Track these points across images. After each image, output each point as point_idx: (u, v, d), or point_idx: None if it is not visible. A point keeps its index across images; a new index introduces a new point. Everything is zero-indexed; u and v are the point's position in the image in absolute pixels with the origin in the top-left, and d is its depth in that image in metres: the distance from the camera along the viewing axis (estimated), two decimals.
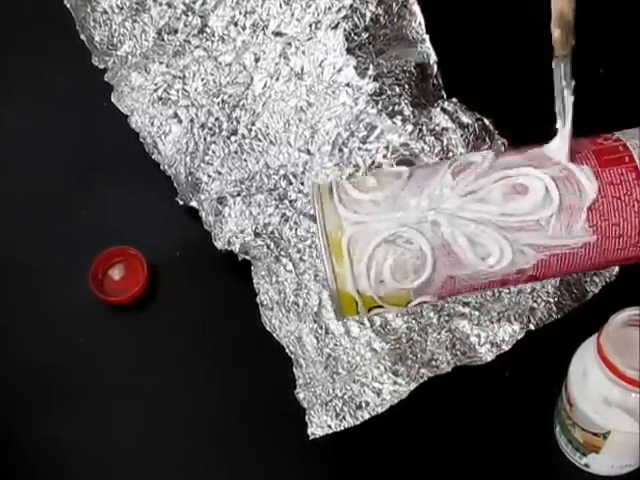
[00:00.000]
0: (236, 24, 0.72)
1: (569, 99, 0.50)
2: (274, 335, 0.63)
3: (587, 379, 0.54)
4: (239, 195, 0.67)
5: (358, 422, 0.58)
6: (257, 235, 0.66)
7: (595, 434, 0.55)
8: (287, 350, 0.62)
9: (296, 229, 0.65)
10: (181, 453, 0.61)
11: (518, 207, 0.48)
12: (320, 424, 0.58)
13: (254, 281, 0.65)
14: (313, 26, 0.69)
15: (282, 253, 0.65)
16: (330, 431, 0.58)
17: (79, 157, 0.74)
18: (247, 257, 0.66)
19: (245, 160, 0.69)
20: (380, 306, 0.51)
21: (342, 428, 0.58)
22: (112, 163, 0.74)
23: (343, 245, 0.48)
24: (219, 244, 0.67)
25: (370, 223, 0.48)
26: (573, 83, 0.50)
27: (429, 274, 0.49)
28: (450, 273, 0.49)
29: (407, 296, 0.50)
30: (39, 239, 0.71)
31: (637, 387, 0.51)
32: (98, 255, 0.68)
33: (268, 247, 0.65)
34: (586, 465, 0.58)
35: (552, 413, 0.59)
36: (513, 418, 0.60)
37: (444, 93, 0.68)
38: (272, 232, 0.66)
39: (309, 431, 0.58)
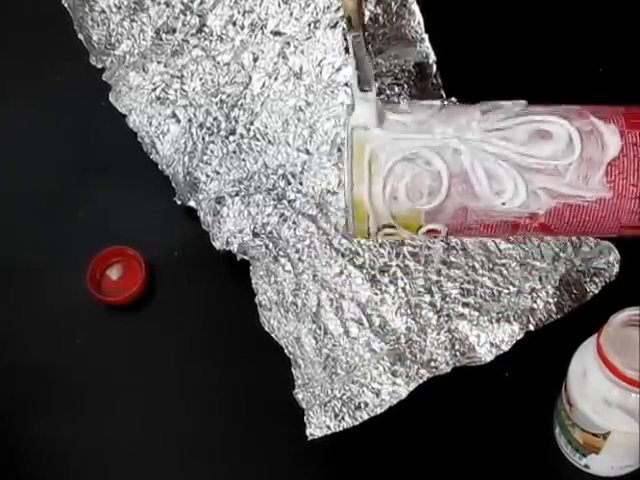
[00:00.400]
0: (234, 23, 0.72)
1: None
2: (273, 335, 0.63)
3: (587, 379, 0.54)
4: (237, 195, 0.67)
5: (357, 423, 0.57)
6: (255, 235, 0.66)
7: (595, 435, 0.55)
8: (286, 350, 0.62)
9: (294, 229, 0.65)
10: (180, 453, 0.61)
11: (540, 150, 0.49)
12: (319, 425, 0.58)
13: (252, 281, 0.65)
14: (312, 25, 0.69)
15: (280, 253, 0.65)
16: (329, 432, 0.57)
17: (77, 157, 0.74)
18: (245, 257, 0.66)
19: (243, 160, 0.69)
20: (392, 226, 0.51)
21: (341, 429, 0.57)
22: (110, 163, 0.73)
23: (365, 156, 0.49)
24: (217, 244, 0.67)
25: (395, 140, 0.49)
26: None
27: (442, 199, 0.49)
28: (463, 203, 0.49)
29: (418, 218, 0.50)
30: (36, 239, 0.70)
31: (637, 387, 0.51)
32: (96, 255, 0.68)
33: (266, 247, 0.65)
34: (586, 466, 0.58)
35: (552, 414, 0.59)
36: (513, 419, 0.60)
37: (443, 92, 0.68)
38: (270, 232, 0.66)
39: (308, 432, 0.58)
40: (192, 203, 0.69)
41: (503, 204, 0.49)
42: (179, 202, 0.69)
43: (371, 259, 0.63)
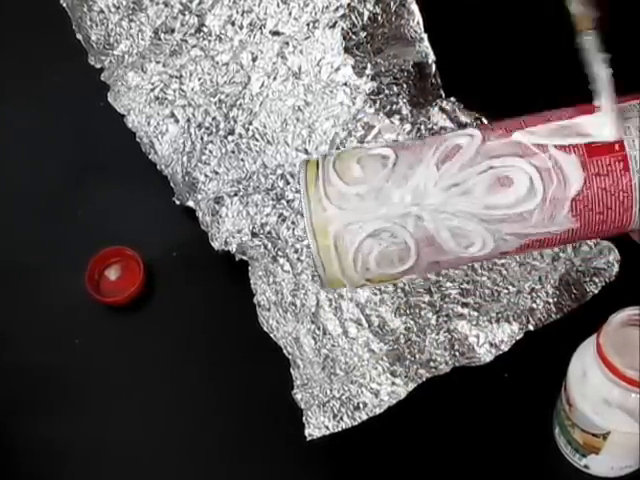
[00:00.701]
0: (233, 23, 0.72)
1: (603, 73, 0.49)
2: (271, 335, 0.62)
3: (586, 379, 0.53)
4: (236, 195, 0.67)
5: (356, 423, 0.57)
6: (254, 235, 0.65)
7: (595, 435, 0.54)
8: (284, 351, 0.62)
9: (293, 229, 0.65)
10: (178, 454, 0.61)
11: (502, 200, 0.48)
12: (317, 425, 0.58)
13: (251, 282, 0.64)
14: (311, 25, 0.68)
15: (279, 253, 0.65)
16: (328, 432, 0.57)
17: (75, 157, 0.74)
18: (244, 257, 0.66)
19: (242, 160, 0.68)
20: (369, 284, 0.52)
21: (340, 429, 0.57)
22: (108, 163, 0.73)
23: (330, 240, 0.49)
24: (216, 244, 0.66)
25: (355, 219, 0.49)
26: (605, 56, 0.49)
27: (413, 261, 0.50)
28: (434, 259, 0.50)
29: (393, 277, 0.51)
30: (35, 239, 0.70)
31: (637, 387, 0.51)
32: (94, 255, 0.67)
33: (265, 247, 0.65)
34: (586, 466, 0.58)
35: (551, 414, 0.59)
36: (512, 419, 0.60)
37: (443, 92, 0.68)
38: (269, 232, 0.65)
39: (306, 432, 0.58)
40: (191, 203, 0.69)
41: (473, 255, 0.50)
42: (178, 202, 0.69)
43: None
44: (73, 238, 0.70)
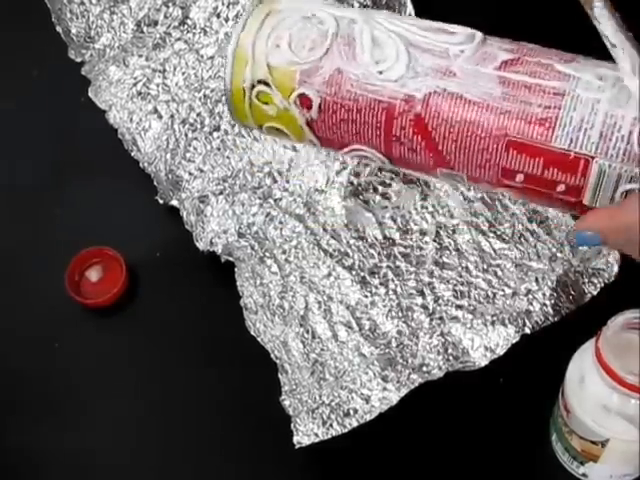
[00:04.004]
0: (218, 15, 0.71)
1: (621, 38, 0.44)
2: (258, 339, 0.62)
3: (585, 385, 0.52)
4: (222, 194, 0.66)
5: (346, 430, 0.56)
6: (241, 235, 0.64)
7: (593, 442, 0.53)
8: (272, 355, 0.61)
9: (281, 229, 0.64)
10: (163, 458, 0.60)
11: (436, 35, 0.47)
12: (307, 432, 0.56)
13: (238, 283, 0.63)
14: None
15: (267, 254, 0.64)
16: (317, 439, 0.56)
17: (55, 154, 0.72)
18: (230, 258, 0.64)
19: (228, 157, 0.67)
20: (267, 83, 0.49)
21: (329, 436, 0.56)
22: (89, 160, 0.72)
23: (264, 12, 0.49)
24: (201, 245, 0.65)
25: (302, 3, 0.49)
26: (618, 21, 0.45)
27: (321, 55, 0.48)
28: (340, 66, 0.47)
29: (293, 79, 0.48)
30: (12, 239, 0.69)
31: (637, 393, 0.50)
32: (74, 256, 0.66)
33: (252, 248, 0.64)
34: (584, 475, 0.57)
35: (548, 420, 0.58)
36: (508, 425, 0.59)
37: None
38: (256, 232, 0.64)
39: (295, 440, 0.56)
40: (175, 202, 0.67)
41: (380, 72, 0.46)
42: (161, 201, 0.68)
43: (360, 260, 0.62)
44: (53, 238, 0.69)
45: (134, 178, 0.69)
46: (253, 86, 0.49)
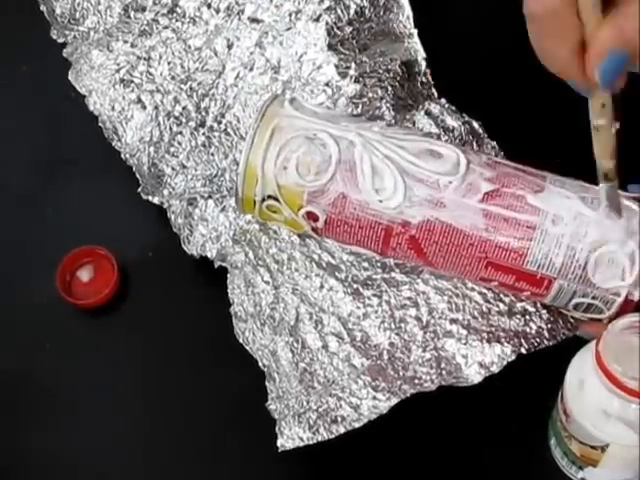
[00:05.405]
0: (209, 6, 0.69)
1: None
2: (247, 348, 0.60)
3: (584, 389, 0.52)
4: (210, 197, 0.64)
5: (333, 436, 0.55)
6: (235, 242, 0.63)
7: (593, 447, 0.53)
8: (260, 363, 0.60)
9: (275, 239, 0.62)
10: (152, 459, 0.59)
11: (426, 163, 0.53)
12: (291, 436, 0.55)
13: (229, 290, 0.62)
14: (293, 15, 0.66)
15: (260, 263, 0.62)
16: (302, 444, 0.55)
17: (44, 150, 0.71)
18: (224, 264, 0.63)
19: (212, 154, 0.66)
20: (276, 198, 0.55)
21: (315, 442, 0.55)
22: (80, 158, 0.71)
23: (271, 126, 0.54)
24: (189, 248, 0.64)
25: (302, 120, 0.54)
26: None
27: (327, 180, 0.54)
28: (344, 191, 0.54)
29: (301, 197, 0.54)
30: (2, 239, 0.68)
31: (637, 398, 0.50)
32: (65, 256, 0.65)
33: (246, 255, 0.62)
34: (582, 479, 0.56)
35: (547, 424, 0.58)
36: (505, 430, 0.58)
37: (435, 91, 0.66)
38: (250, 240, 0.63)
39: (279, 442, 0.55)
40: (156, 200, 0.66)
41: (380, 201, 0.53)
42: (144, 196, 0.66)
43: (354, 273, 0.61)
44: (43, 237, 0.68)
45: (126, 177, 0.68)
46: (264, 199, 0.55)
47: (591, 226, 0.53)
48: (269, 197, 0.55)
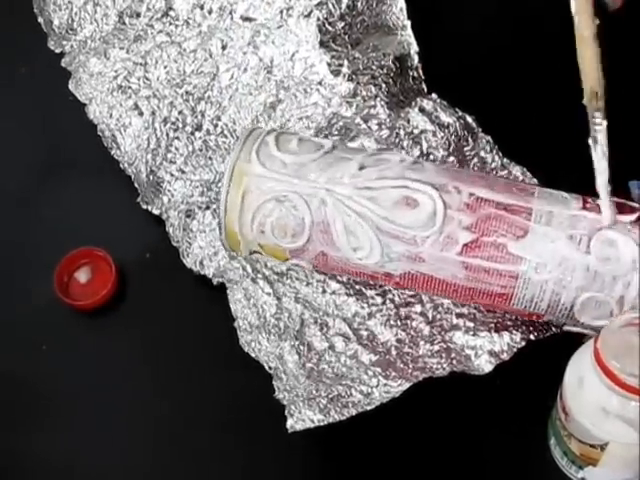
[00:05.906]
0: (202, 7, 0.69)
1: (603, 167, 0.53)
2: (253, 356, 0.60)
3: (583, 387, 0.52)
4: (208, 208, 0.64)
5: (343, 418, 0.55)
6: (232, 257, 0.62)
7: (592, 446, 0.52)
8: (266, 366, 0.59)
9: None
10: (153, 459, 0.59)
11: (401, 217, 0.53)
12: (301, 417, 0.54)
13: (231, 306, 0.61)
14: (284, 12, 0.66)
15: (259, 276, 0.61)
16: (312, 425, 0.54)
17: (43, 151, 0.71)
18: (222, 280, 0.63)
19: (210, 158, 0.66)
20: (261, 253, 0.57)
21: (325, 423, 0.54)
22: (77, 159, 0.71)
23: (241, 188, 0.55)
24: (188, 261, 0.64)
25: (270, 179, 0.54)
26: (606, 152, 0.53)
27: (304, 242, 0.54)
28: (323, 249, 0.55)
29: (284, 253, 0.56)
30: (0, 241, 0.68)
31: (637, 395, 0.49)
32: (63, 257, 0.65)
33: (244, 269, 0.62)
34: (583, 479, 0.55)
35: (546, 423, 0.57)
36: (505, 428, 0.58)
37: (425, 86, 0.65)
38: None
39: (288, 424, 0.55)
40: (156, 210, 0.66)
41: (359, 259, 0.54)
42: (144, 206, 0.67)
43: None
44: (41, 239, 0.68)
45: (123, 178, 0.68)
46: (251, 253, 0.58)
47: (577, 271, 0.52)
48: (254, 252, 0.58)
